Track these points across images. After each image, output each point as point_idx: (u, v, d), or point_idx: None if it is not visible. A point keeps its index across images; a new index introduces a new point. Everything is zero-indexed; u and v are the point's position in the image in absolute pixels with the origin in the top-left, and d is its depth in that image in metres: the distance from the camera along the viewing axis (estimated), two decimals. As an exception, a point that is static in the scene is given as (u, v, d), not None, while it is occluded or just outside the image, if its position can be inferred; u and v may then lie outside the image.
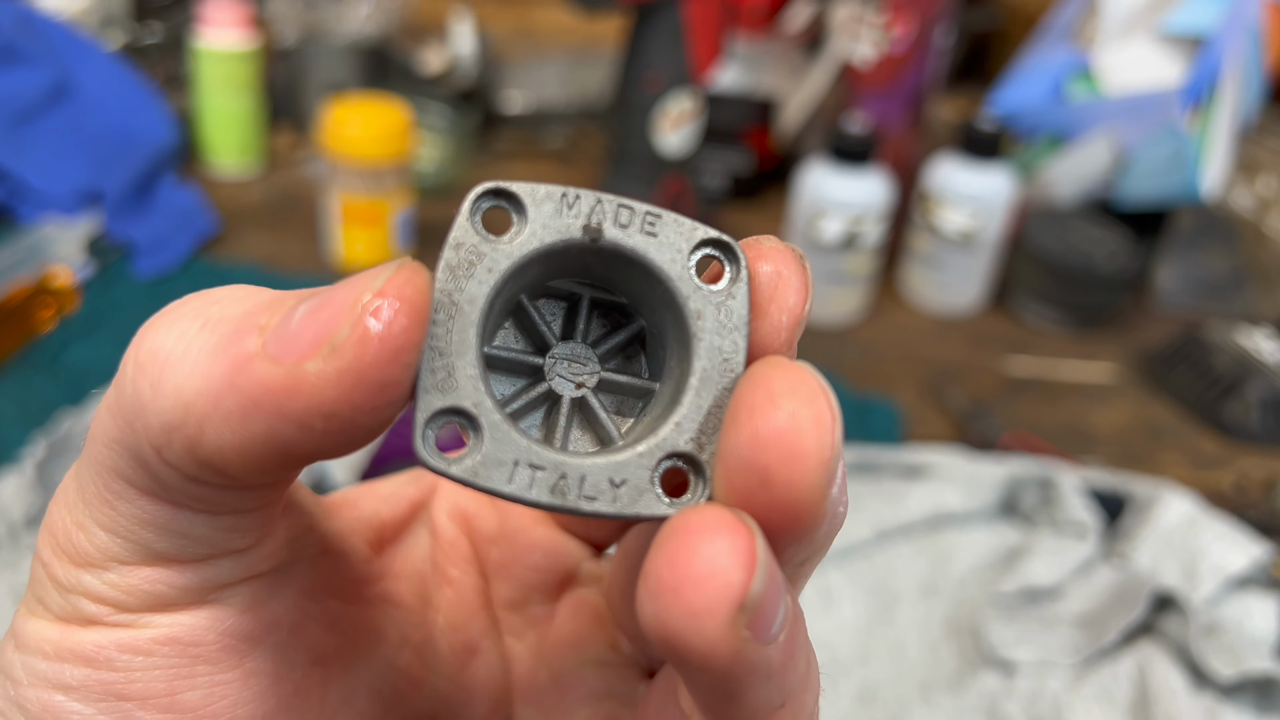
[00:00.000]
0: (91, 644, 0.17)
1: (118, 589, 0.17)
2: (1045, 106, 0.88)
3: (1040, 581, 0.55)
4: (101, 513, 0.17)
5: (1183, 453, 0.72)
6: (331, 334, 0.15)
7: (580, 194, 0.17)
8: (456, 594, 0.24)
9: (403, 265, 0.15)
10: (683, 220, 0.18)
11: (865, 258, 0.81)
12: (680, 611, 0.14)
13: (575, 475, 0.17)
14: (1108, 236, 0.84)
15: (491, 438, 0.17)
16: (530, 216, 0.17)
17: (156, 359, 0.16)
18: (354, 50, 1.01)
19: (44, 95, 0.87)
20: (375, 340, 0.15)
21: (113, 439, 0.16)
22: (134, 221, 0.83)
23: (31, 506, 0.52)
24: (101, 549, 0.17)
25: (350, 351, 0.15)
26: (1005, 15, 1.30)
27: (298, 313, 0.15)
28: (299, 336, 0.15)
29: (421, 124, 0.92)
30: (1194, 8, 0.84)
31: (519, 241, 0.17)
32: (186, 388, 0.15)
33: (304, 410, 0.15)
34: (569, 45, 1.36)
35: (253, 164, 0.96)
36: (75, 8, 1.01)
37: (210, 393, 0.15)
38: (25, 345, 0.68)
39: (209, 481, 0.16)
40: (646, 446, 0.17)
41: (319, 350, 0.15)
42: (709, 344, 0.17)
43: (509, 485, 0.17)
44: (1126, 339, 0.85)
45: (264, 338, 0.15)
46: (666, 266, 0.17)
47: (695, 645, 0.14)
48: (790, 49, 1.11)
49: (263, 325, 0.15)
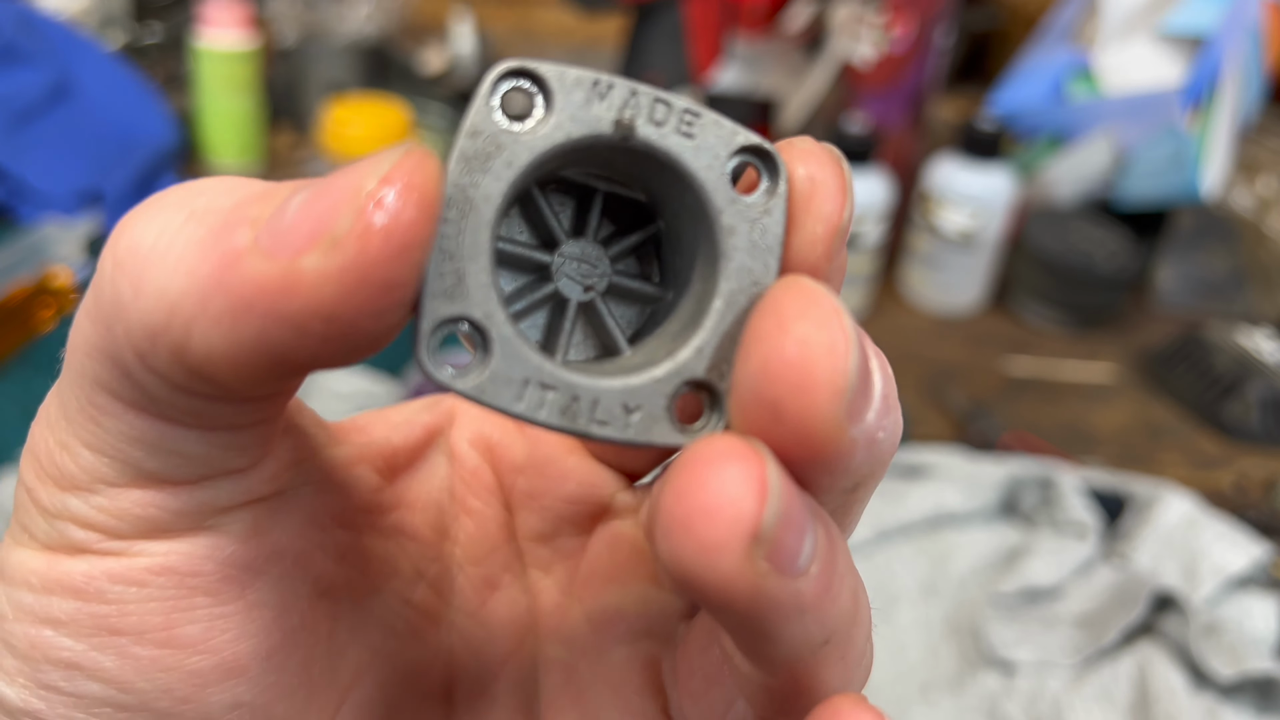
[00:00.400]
0: (81, 574, 0.16)
1: (107, 513, 0.16)
2: (1045, 106, 0.88)
3: (1040, 581, 0.55)
4: (86, 430, 0.16)
5: (1183, 453, 0.72)
6: (331, 226, 0.13)
7: (614, 83, 0.16)
8: (477, 526, 0.22)
9: (410, 150, 0.14)
10: (723, 122, 0.16)
11: (865, 258, 0.81)
12: (693, 547, 0.13)
13: (588, 398, 0.16)
14: (1108, 236, 0.84)
15: (501, 352, 0.15)
16: (557, 104, 0.15)
17: (137, 255, 0.14)
18: (354, 50, 1.01)
19: (44, 95, 0.87)
20: (380, 233, 0.13)
21: (93, 346, 0.15)
22: (134, 221, 0.83)
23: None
24: (87, 469, 0.16)
25: (352, 246, 0.13)
26: (1005, 15, 1.30)
27: (293, 203, 0.14)
28: (295, 229, 0.13)
29: (421, 124, 0.92)
30: (1194, 8, 0.84)
31: (543, 133, 0.15)
32: (171, 286, 0.14)
33: (301, 311, 0.13)
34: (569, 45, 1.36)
35: (253, 164, 0.96)
36: (75, 8, 1.01)
37: (197, 291, 0.14)
38: (25, 345, 0.68)
39: (199, 392, 0.15)
40: (664, 371, 0.16)
41: (317, 244, 0.13)
42: (739, 264, 0.16)
43: (517, 404, 0.15)
44: (1126, 339, 0.85)
45: (256, 231, 0.14)
46: (701, 174, 0.16)
47: (711, 581, 0.14)
48: (790, 49, 1.11)
49: (254, 218, 0.14)
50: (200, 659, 0.17)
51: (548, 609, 0.22)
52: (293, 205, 0.14)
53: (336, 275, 0.13)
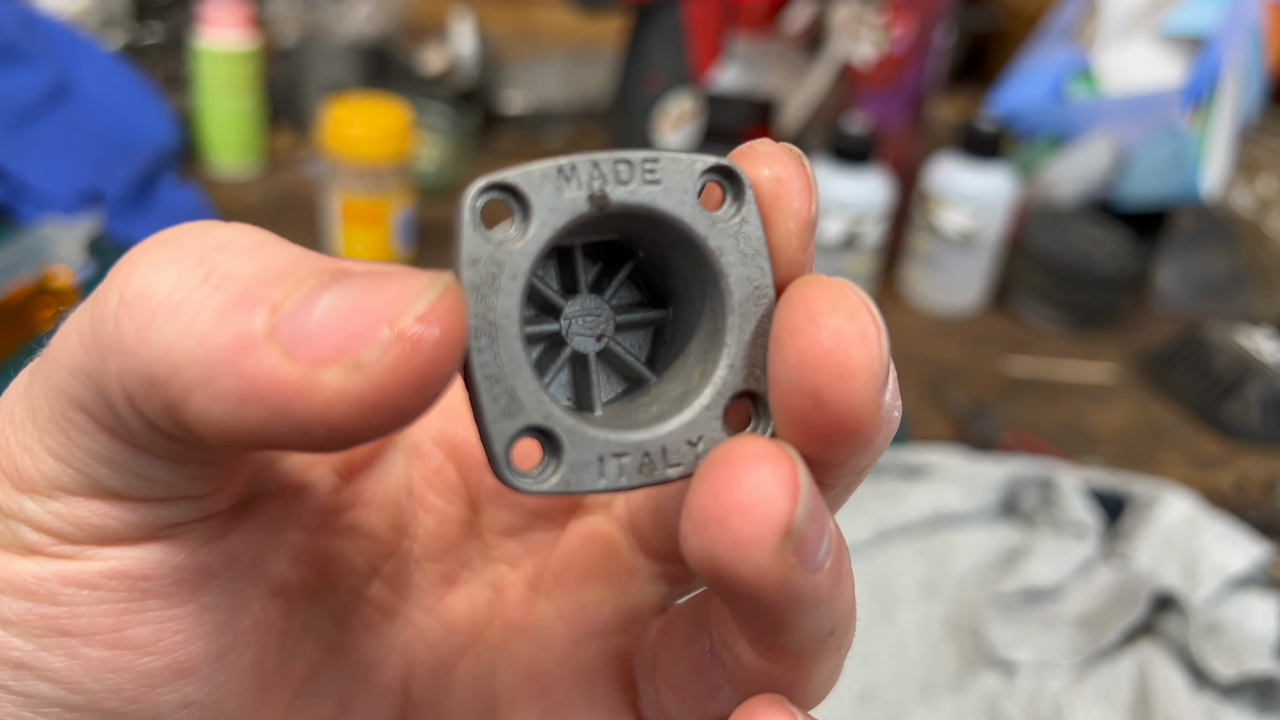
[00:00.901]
0: (33, 575, 0.16)
1: (63, 519, 0.16)
2: (1045, 106, 0.88)
3: (1040, 582, 0.55)
4: (53, 439, 0.15)
5: (1183, 453, 0.72)
6: (358, 349, 0.13)
7: (575, 162, 0.17)
8: (437, 523, 0.22)
9: (447, 289, 0.14)
10: (679, 157, 0.17)
11: (865, 258, 0.81)
12: (727, 541, 0.14)
13: (656, 449, 0.17)
14: (1108, 236, 0.84)
15: (571, 444, 0.16)
16: (534, 205, 0.16)
17: (147, 302, 0.14)
18: (354, 50, 1.01)
19: (44, 95, 0.87)
20: (407, 370, 0.13)
21: (80, 368, 0.15)
22: (134, 221, 0.83)
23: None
24: (49, 476, 0.16)
25: (377, 375, 0.13)
26: (1005, 15, 1.30)
27: (320, 305, 0.14)
28: (320, 337, 0.13)
29: (422, 124, 0.92)
30: (1194, 8, 0.84)
31: (532, 234, 0.16)
32: (178, 347, 0.14)
33: (308, 417, 0.13)
34: (569, 45, 1.36)
35: (253, 164, 0.96)
36: (75, 8, 1.01)
37: (205, 361, 0.13)
38: (25, 345, 0.68)
39: (179, 439, 0.15)
40: (709, 397, 0.17)
41: (340, 362, 0.13)
42: (737, 276, 0.17)
43: (600, 481, 0.16)
44: (1127, 339, 0.85)
45: (277, 319, 0.13)
46: (676, 211, 0.17)
47: (744, 574, 0.14)
48: (790, 49, 1.11)
49: (276, 302, 0.14)
50: (151, 660, 0.17)
51: (513, 604, 0.22)
52: (320, 308, 0.14)
53: (355, 397, 0.13)
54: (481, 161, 1.04)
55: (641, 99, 0.83)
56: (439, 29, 1.16)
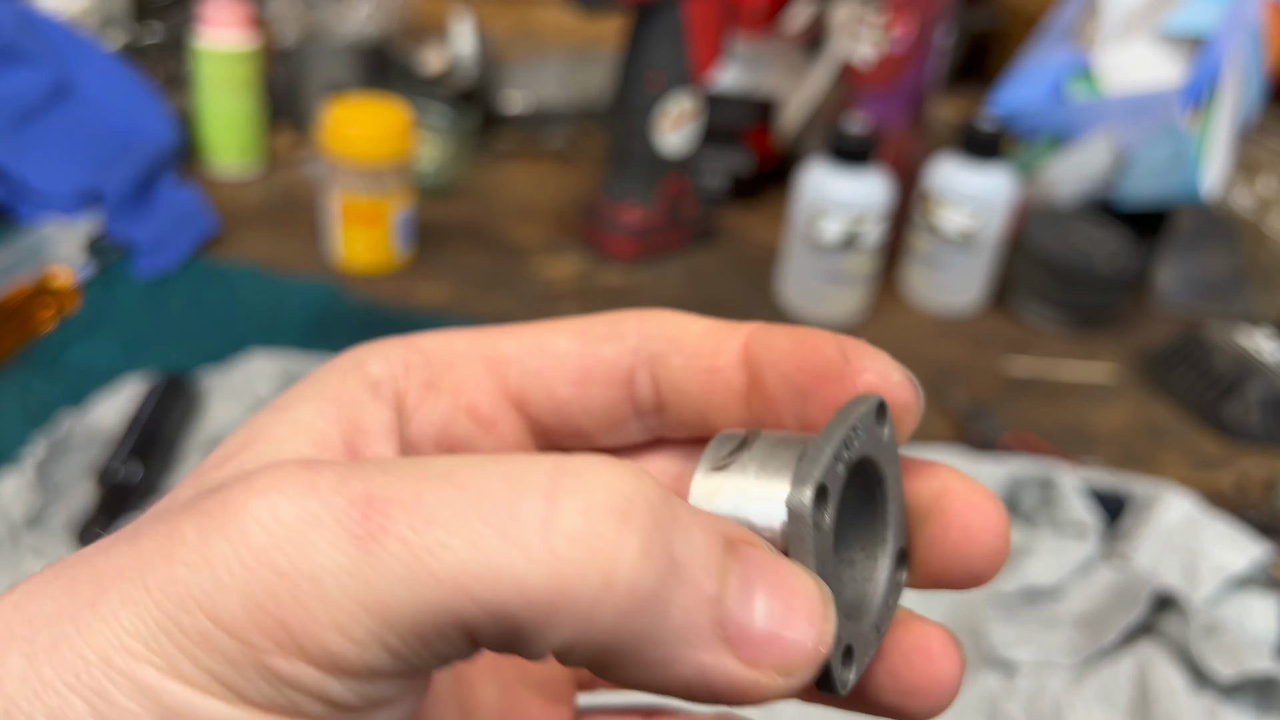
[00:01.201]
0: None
1: (359, 695, 0.16)
2: (1045, 106, 0.88)
3: (1040, 581, 0.55)
4: (393, 638, 0.15)
5: (1183, 453, 0.72)
6: (792, 660, 0.16)
7: (840, 453, 0.18)
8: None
9: (829, 606, 0.17)
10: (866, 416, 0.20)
11: (865, 258, 0.81)
12: (925, 704, 0.20)
13: (884, 620, 0.20)
14: (1108, 236, 0.84)
15: (859, 653, 0.19)
16: (830, 494, 0.18)
17: (632, 584, 0.15)
18: (354, 50, 1.01)
19: (44, 95, 0.87)
20: (809, 677, 0.16)
21: (482, 600, 0.15)
22: (134, 221, 0.83)
23: (31, 507, 0.52)
24: (358, 660, 0.15)
25: (797, 681, 0.16)
26: (1005, 15, 1.30)
27: (759, 608, 0.16)
28: (765, 645, 0.16)
29: (421, 124, 0.92)
30: (1194, 8, 0.84)
31: (830, 513, 0.18)
32: (636, 625, 0.15)
33: (735, 702, 0.16)
34: (569, 45, 1.36)
35: (253, 164, 0.96)
36: (75, 8, 1.01)
37: (663, 649, 0.15)
38: (25, 345, 0.68)
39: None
40: (886, 570, 0.20)
41: (776, 667, 0.16)
42: (892, 474, 0.21)
43: (867, 659, 0.19)
44: (1127, 339, 0.86)
45: (722, 614, 0.15)
46: (886, 467, 0.20)
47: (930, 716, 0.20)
48: (790, 49, 1.11)
49: (715, 595, 0.15)
50: None
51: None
52: (759, 613, 0.16)
53: (778, 695, 0.16)
54: (482, 161, 1.04)
55: (641, 99, 0.83)
56: (439, 29, 1.16)
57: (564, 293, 0.83)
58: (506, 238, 0.91)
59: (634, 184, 0.87)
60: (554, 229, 0.93)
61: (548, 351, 0.21)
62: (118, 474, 0.54)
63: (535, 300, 0.81)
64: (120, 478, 0.54)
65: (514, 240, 0.91)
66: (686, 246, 0.92)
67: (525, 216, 0.95)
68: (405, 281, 0.82)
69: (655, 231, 0.88)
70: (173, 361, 0.68)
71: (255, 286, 0.78)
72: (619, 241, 0.87)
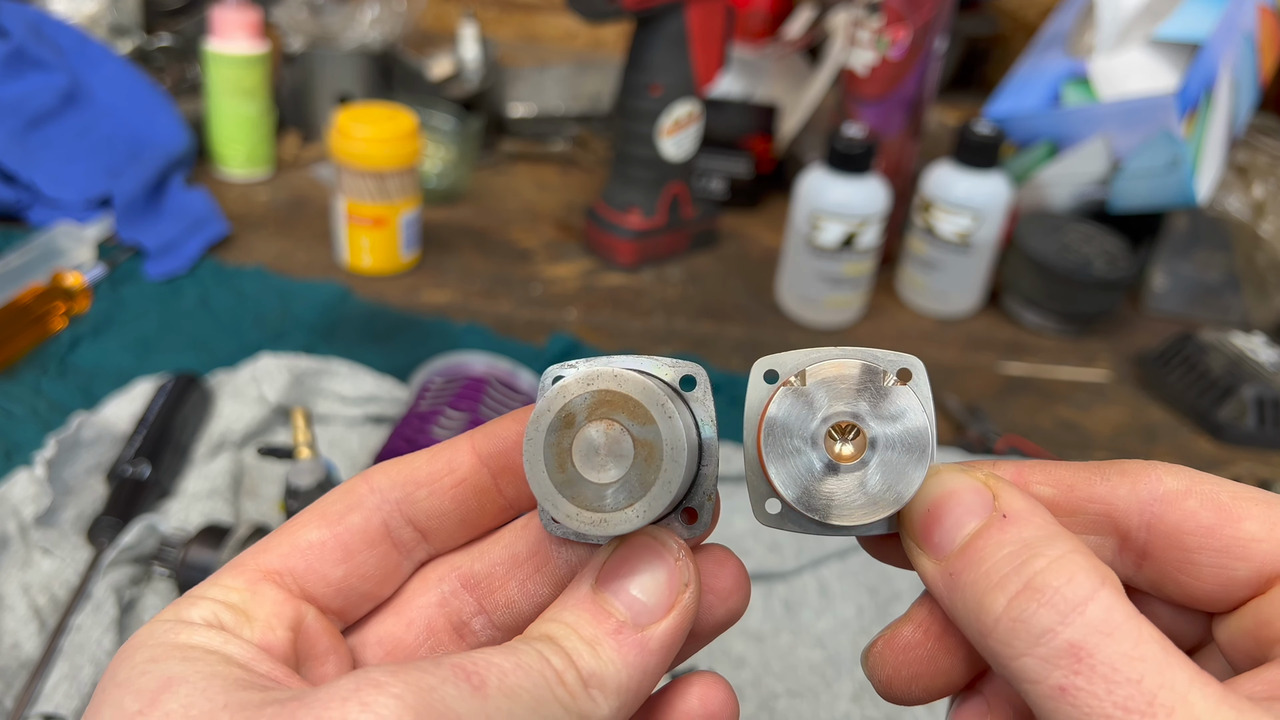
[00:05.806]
0: None
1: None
2: (1041, 112, 0.89)
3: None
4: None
5: (1177, 455, 0.73)
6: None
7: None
8: None
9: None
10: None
11: (863, 262, 0.82)
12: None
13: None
14: (1103, 240, 0.85)
15: None
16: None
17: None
18: (361, 57, 1.02)
19: (56, 100, 0.88)
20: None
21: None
22: (145, 224, 0.84)
23: (42, 506, 0.53)
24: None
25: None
26: (1002, 23, 1.31)
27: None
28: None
29: (427, 129, 0.93)
30: (1188, 14, 0.85)
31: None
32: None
33: None
34: (573, 52, 1.37)
35: (261, 168, 0.98)
36: (86, 13, 1.03)
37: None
38: (36, 347, 0.69)
39: None
40: None
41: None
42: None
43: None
44: (1122, 342, 0.86)
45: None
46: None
47: None
48: (790, 56, 1.12)
49: None
50: None
51: None
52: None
53: None
54: (486, 166, 1.06)
55: (644, 105, 0.84)
56: (444, 36, 1.18)
57: (566, 295, 0.84)
58: (510, 241, 0.92)
59: (636, 189, 0.88)
60: (557, 232, 0.95)
61: (303, 548, 0.23)
62: (127, 472, 0.55)
63: (537, 303, 0.83)
64: (129, 476, 0.55)
65: (517, 243, 0.92)
66: (687, 250, 0.93)
67: (529, 220, 0.97)
68: (411, 283, 0.83)
69: (656, 235, 0.89)
70: (182, 362, 0.69)
71: (263, 288, 0.79)
72: (621, 245, 0.88)
